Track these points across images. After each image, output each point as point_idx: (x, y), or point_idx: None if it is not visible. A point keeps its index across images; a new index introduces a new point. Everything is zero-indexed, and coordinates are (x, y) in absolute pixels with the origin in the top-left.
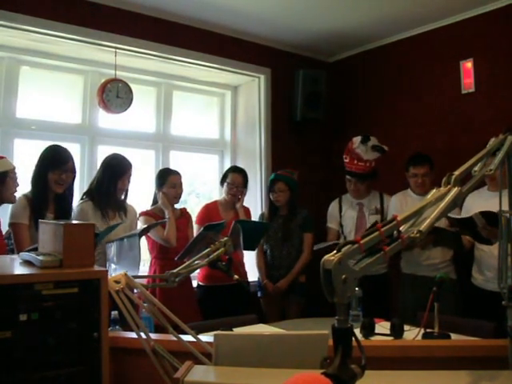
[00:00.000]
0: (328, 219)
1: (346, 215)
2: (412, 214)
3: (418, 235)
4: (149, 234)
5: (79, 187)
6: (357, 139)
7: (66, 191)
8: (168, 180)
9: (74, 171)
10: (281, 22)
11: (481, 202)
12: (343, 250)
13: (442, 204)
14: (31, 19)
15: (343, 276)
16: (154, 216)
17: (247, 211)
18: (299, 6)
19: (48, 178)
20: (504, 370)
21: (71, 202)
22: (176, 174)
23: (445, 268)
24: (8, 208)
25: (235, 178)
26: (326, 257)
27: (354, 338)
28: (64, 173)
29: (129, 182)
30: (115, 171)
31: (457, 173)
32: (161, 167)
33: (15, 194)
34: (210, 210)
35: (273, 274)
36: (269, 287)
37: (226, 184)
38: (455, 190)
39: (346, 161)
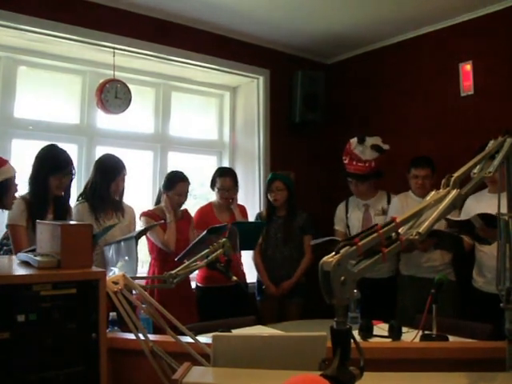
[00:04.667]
0: (335, 221)
1: (351, 216)
2: (411, 215)
3: (416, 237)
4: (149, 235)
5: (77, 188)
6: (354, 140)
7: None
8: (176, 187)
9: (73, 173)
10: (280, 23)
11: (481, 204)
12: (342, 251)
13: (441, 206)
14: (29, 19)
15: (342, 278)
16: (155, 217)
17: (243, 210)
18: (298, 8)
19: (49, 181)
20: (501, 372)
21: (69, 202)
22: (185, 181)
23: (444, 270)
24: (4, 212)
25: (224, 183)
26: (325, 258)
27: (352, 340)
28: (65, 176)
29: (123, 182)
30: (107, 173)
31: (456, 175)
32: (159, 168)
33: (13, 201)
34: (204, 213)
35: (274, 275)
36: (271, 289)
37: (216, 189)
38: (454, 192)
39: (346, 162)
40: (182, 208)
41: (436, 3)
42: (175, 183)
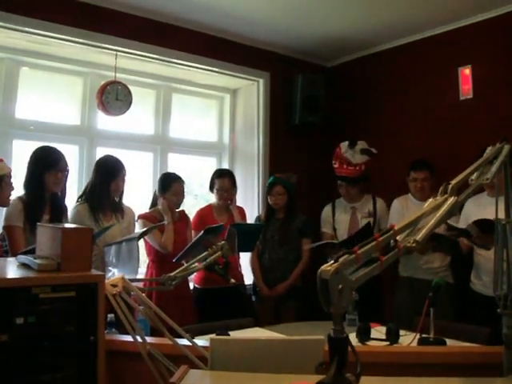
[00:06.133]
0: (322, 224)
1: (338, 219)
2: (409, 223)
3: (414, 245)
4: (146, 237)
5: (77, 189)
6: (344, 144)
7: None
8: (171, 187)
9: (67, 169)
10: (280, 26)
11: (479, 208)
12: (340, 260)
13: (439, 214)
14: (31, 21)
15: (340, 286)
16: (153, 219)
17: (241, 211)
18: (298, 11)
19: (44, 179)
20: (498, 378)
21: (65, 202)
22: (179, 181)
23: (443, 272)
24: (2, 211)
25: (222, 183)
26: (323, 267)
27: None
28: (59, 172)
29: (123, 183)
30: (107, 173)
31: (453, 182)
32: (159, 169)
33: (9, 198)
34: (203, 215)
35: (269, 277)
36: (265, 291)
37: (215, 191)
38: (451, 199)
39: (336, 166)
40: (180, 209)
41: (435, 7)
42: (170, 184)
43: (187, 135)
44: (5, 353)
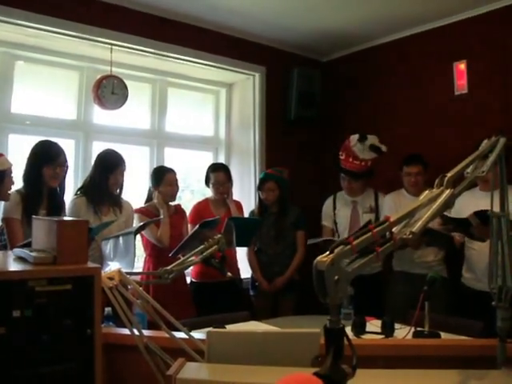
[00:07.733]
0: (322, 217)
1: (339, 213)
2: (405, 215)
3: (410, 236)
4: (143, 232)
5: (73, 183)
6: (354, 137)
7: (58, 186)
8: (164, 179)
9: (66, 165)
10: (276, 20)
11: (472, 202)
12: (336, 251)
13: (435, 206)
14: (27, 14)
15: (336, 277)
16: (148, 213)
17: (239, 205)
18: (295, 6)
19: (42, 173)
20: (492, 370)
21: (63, 197)
22: (171, 171)
23: (437, 266)
24: (0, 205)
25: (218, 177)
26: (319, 258)
27: (345, 338)
28: (58, 166)
29: (122, 177)
30: (106, 166)
31: (449, 175)
32: (155, 164)
33: (9, 192)
34: (200, 209)
35: (268, 272)
36: (264, 285)
37: (210, 185)
38: (448, 191)
39: (342, 158)
40: (176, 203)
41: (431, 2)
42: (163, 175)
43: (183, 129)
44: (2, 346)
